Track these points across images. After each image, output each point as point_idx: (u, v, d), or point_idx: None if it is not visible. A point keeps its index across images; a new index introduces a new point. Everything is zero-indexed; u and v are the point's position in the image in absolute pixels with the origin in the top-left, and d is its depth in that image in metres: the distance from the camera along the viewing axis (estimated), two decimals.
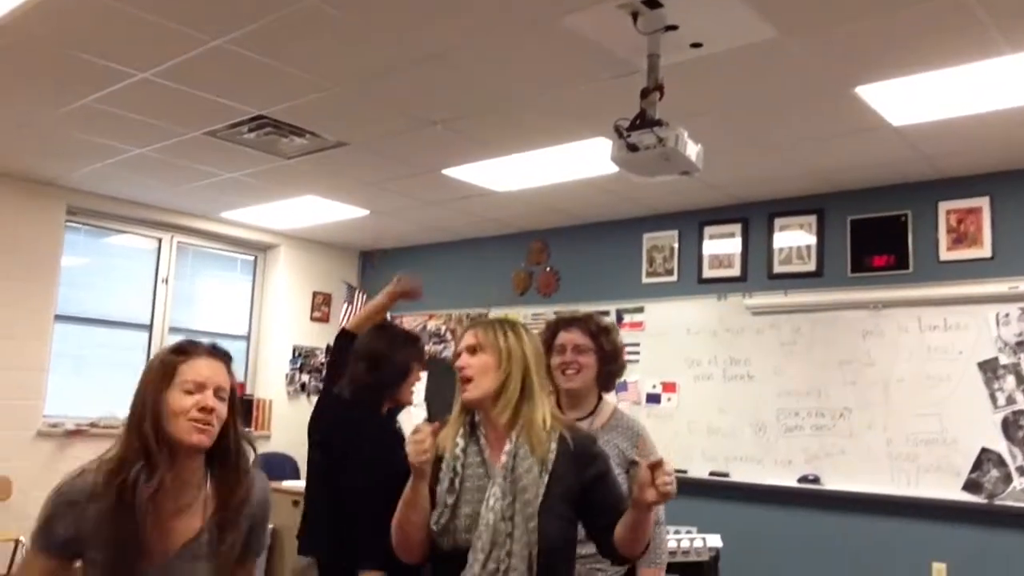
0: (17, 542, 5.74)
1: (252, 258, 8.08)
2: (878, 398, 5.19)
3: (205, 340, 1.96)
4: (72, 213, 6.64)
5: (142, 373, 1.88)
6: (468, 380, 2.11)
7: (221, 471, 1.88)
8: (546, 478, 2.02)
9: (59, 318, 6.53)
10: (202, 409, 1.80)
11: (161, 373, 1.82)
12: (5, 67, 4.15)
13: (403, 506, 2.03)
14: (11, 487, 6.00)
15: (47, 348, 6.41)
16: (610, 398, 2.84)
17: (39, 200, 6.36)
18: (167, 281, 7.33)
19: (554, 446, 2.06)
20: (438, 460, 2.06)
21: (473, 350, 2.14)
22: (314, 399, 3.30)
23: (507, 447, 2.05)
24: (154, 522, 1.76)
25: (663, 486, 1.86)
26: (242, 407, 2.04)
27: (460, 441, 2.09)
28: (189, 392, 1.81)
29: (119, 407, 5.73)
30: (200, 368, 1.83)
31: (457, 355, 2.17)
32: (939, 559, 4.92)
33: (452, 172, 5.52)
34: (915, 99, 3.99)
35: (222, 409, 1.84)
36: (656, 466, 1.88)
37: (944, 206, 5.15)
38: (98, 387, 6.76)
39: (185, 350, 1.86)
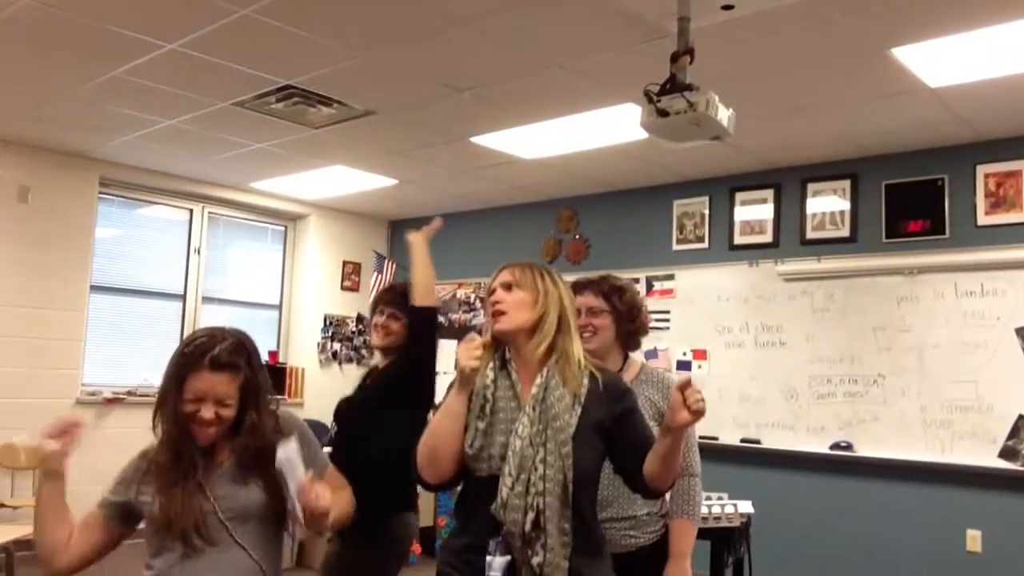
0: None
1: (282, 228, 8.14)
2: (912, 364, 5.14)
3: (229, 322, 2.16)
4: (105, 185, 6.72)
5: (168, 365, 2.04)
6: (501, 314, 2.11)
7: (240, 441, 2.07)
8: (578, 409, 2.03)
9: (94, 288, 6.63)
10: (199, 419, 1.98)
11: (175, 378, 2.00)
12: (37, 40, 4.18)
13: (442, 416, 2.06)
14: None
15: (83, 318, 6.52)
16: (637, 356, 2.83)
17: (73, 172, 6.44)
18: (199, 251, 7.41)
19: (586, 381, 2.08)
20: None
21: (508, 286, 2.13)
22: (347, 368, 3.36)
23: (538, 380, 2.06)
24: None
25: (695, 404, 1.88)
26: (273, 377, 2.17)
27: (490, 372, 2.09)
28: (191, 401, 1.98)
29: (155, 375, 5.84)
30: (199, 384, 1.97)
31: (491, 291, 2.15)
32: (974, 526, 4.89)
33: (480, 140, 5.49)
34: (953, 60, 3.90)
35: (225, 411, 2.00)
36: (686, 385, 1.90)
37: (982, 169, 5.05)
38: (134, 356, 6.87)
39: (193, 360, 1.99)
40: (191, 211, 7.38)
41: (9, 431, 5.96)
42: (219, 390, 1.98)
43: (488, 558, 1.95)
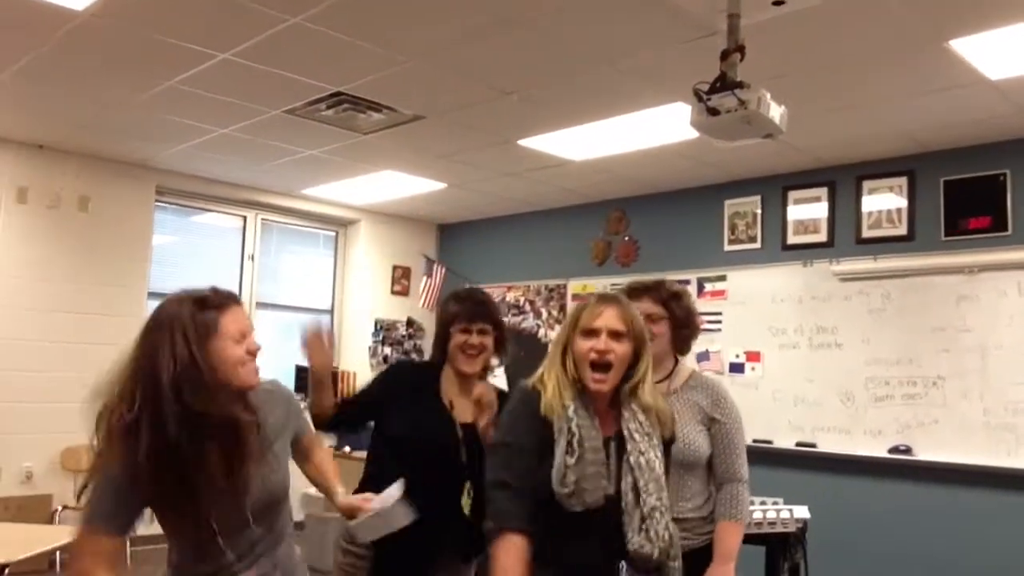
0: None
1: (333, 233, 8.23)
2: (974, 366, 4.99)
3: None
4: (161, 193, 6.86)
5: (164, 331, 1.79)
6: (608, 367, 2.03)
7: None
8: (663, 446, 2.11)
9: (152, 295, 6.76)
10: (253, 353, 1.87)
11: (204, 330, 1.79)
12: (95, 53, 4.28)
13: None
14: None
15: (142, 324, 6.64)
16: (686, 361, 2.82)
17: (130, 181, 6.59)
18: (253, 258, 7.52)
19: (671, 417, 2.17)
20: (547, 422, 2.03)
21: (619, 336, 2.05)
22: None
23: (634, 412, 2.07)
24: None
25: None
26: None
27: (570, 403, 2.03)
28: (238, 341, 1.84)
29: None
30: (240, 317, 1.86)
31: (591, 332, 2.05)
32: None
33: (528, 142, 5.49)
34: (1014, 51, 3.78)
35: (257, 345, 1.90)
36: None
37: None
38: None
39: (219, 303, 1.85)
40: (245, 218, 7.51)
41: (69, 435, 6.13)
42: (250, 321, 1.91)
43: None
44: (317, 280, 8.13)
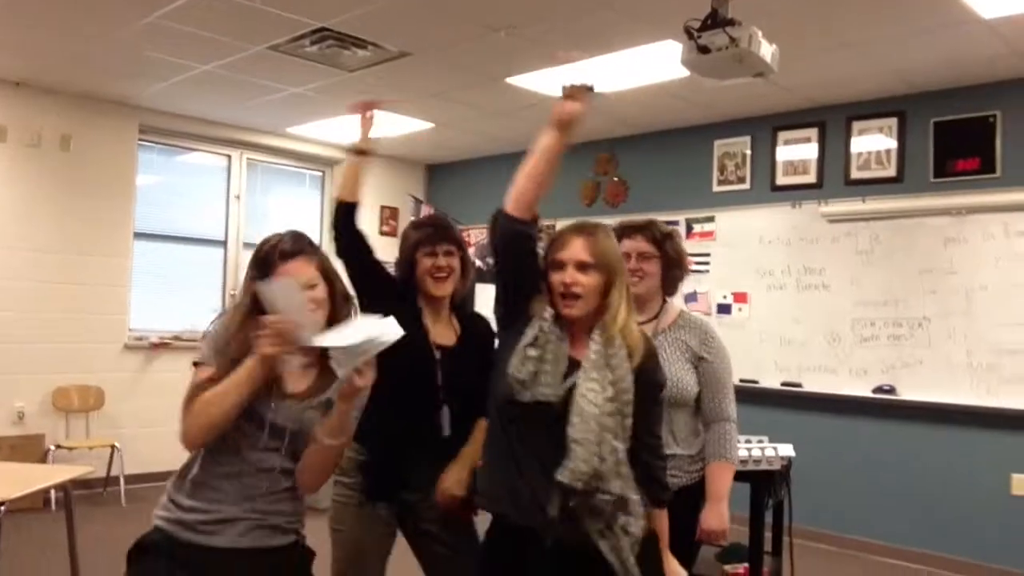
0: (113, 447, 6.07)
1: (320, 173, 8.14)
2: (959, 307, 5.04)
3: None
4: (144, 132, 6.75)
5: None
6: (576, 298, 2.00)
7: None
8: (631, 377, 1.98)
9: (138, 235, 6.72)
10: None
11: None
12: None
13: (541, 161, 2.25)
14: (104, 397, 6.31)
15: (128, 264, 6.62)
16: (674, 301, 2.83)
17: (112, 119, 6.48)
18: (239, 197, 7.45)
19: (643, 347, 2.03)
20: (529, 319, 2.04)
21: (584, 267, 2.02)
22: None
23: (595, 342, 1.99)
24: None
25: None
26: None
27: (548, 315, 2.03)
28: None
29: (200, 320, 5.93)
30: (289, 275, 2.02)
31: (558, 263, 2.04)
32: (1019, 470, 4.83)
33: (517, 81, 5.42)
34: None
35: (320, 293, 2.07)
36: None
37: None
38: (178, 302, 6.98)
39: (283, 253, 2.09)
40: (229, 157, 7.41)
41: (59, 375, 6.14)
42: (306, 275, 2.06)
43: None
44: (304, 220, 8.07)
